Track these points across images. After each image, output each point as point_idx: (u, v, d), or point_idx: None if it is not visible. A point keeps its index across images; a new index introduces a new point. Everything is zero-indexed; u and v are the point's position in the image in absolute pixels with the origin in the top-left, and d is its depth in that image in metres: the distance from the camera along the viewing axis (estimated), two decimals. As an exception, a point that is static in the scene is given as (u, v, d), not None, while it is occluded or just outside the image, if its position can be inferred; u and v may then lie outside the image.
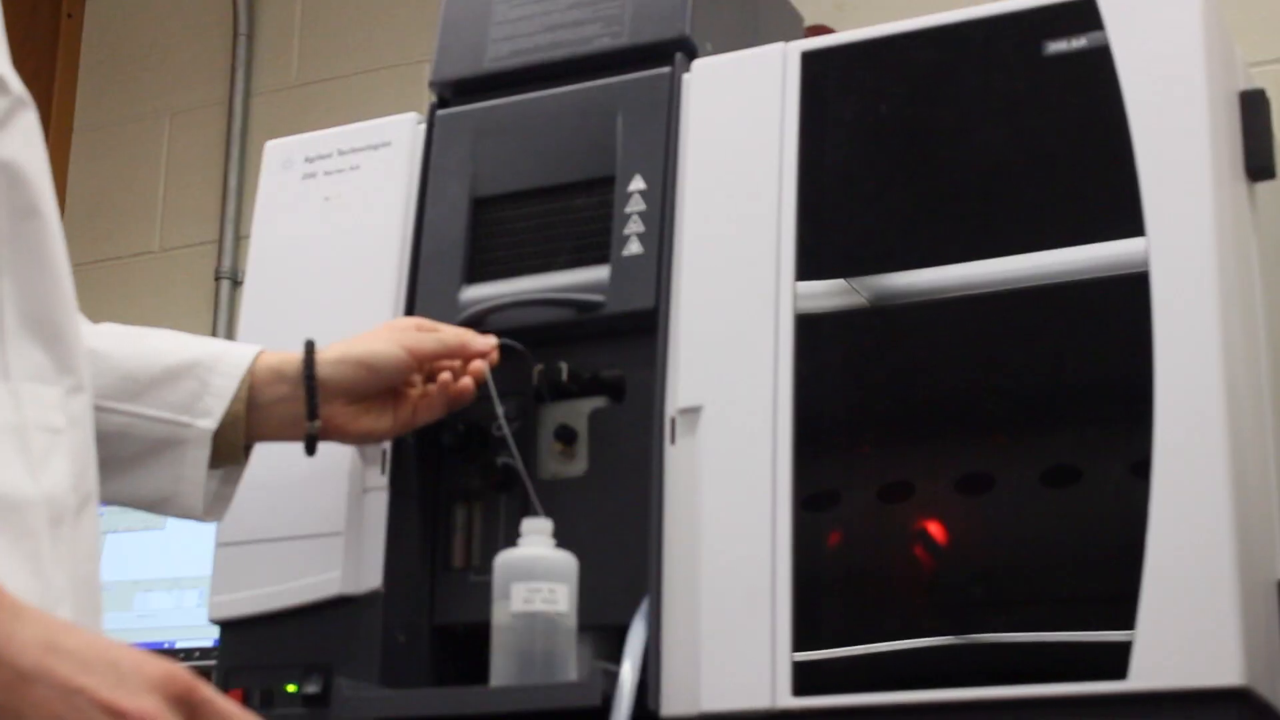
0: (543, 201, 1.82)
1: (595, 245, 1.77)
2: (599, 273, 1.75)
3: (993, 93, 1.65)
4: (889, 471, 1.58)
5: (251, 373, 1.67)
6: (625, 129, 1.78)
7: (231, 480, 1.71)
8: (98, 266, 3.68)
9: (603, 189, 1.78)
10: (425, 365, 1.72)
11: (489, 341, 1.72)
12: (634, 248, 1.73)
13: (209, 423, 1.65)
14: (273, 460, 1.78)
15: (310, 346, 1.68)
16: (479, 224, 1.83)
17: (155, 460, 1.65)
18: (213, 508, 1.70)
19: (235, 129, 3.62)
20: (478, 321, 1.77)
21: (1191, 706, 1.40)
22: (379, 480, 1.77)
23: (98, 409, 1.37)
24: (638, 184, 1.75)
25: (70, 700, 1.06)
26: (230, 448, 1.67)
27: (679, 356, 1.68)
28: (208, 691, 1.10)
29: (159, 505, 1.67)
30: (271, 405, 1.68)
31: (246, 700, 1.77)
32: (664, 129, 1.76)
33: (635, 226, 1.74)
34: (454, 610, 1.77)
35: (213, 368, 1.66)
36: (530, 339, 1.76)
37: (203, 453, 1.65)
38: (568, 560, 1.63)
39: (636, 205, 1.74)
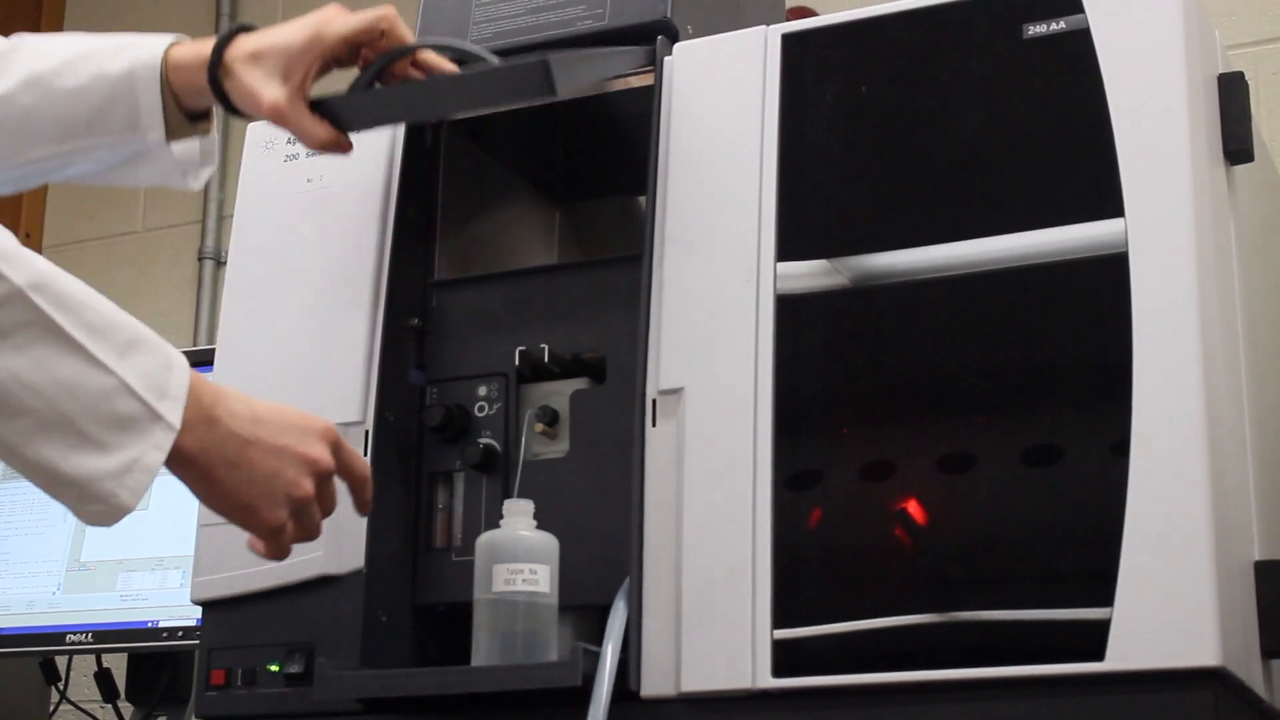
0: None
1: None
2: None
3: (973, 75, 1.65)
4: (870, 451, 1.59)
5: (169, 80, 1.70)
6: (607, 111, 1.79)
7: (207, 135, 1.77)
8: (81, 246, 3.68)
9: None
10: (340, 49, 1.73)
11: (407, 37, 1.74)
12: (616, 229, 1.74)
13: (157, 134, 1.70)
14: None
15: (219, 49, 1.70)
16: (461, 205, 1.84)
17: (129, 168, 1.74)
18: (202, 170, 1.78)
19: (217, 110, 3.61)
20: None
21: (1167, 687, 1.41)
22: (361, 461, 1.77)
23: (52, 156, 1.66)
24: (620, 165, 1.76)
25: (278, 455, 1.43)
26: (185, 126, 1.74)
27: (660, 338, 1.68)
28: (341, 439, 1.49)
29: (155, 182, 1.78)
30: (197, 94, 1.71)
31: (229, 680, 1.77)
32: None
33: (618, 208, 1.75)
34: (436, 590, 1.77)
35: (134, 88, 1.69)
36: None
37: (165, 153, 1.72)
38: (549, 541, 1.64)
39: (620, 187, 1.75)
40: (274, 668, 1.76)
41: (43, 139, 1.67)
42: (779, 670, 1.54)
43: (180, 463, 1.39)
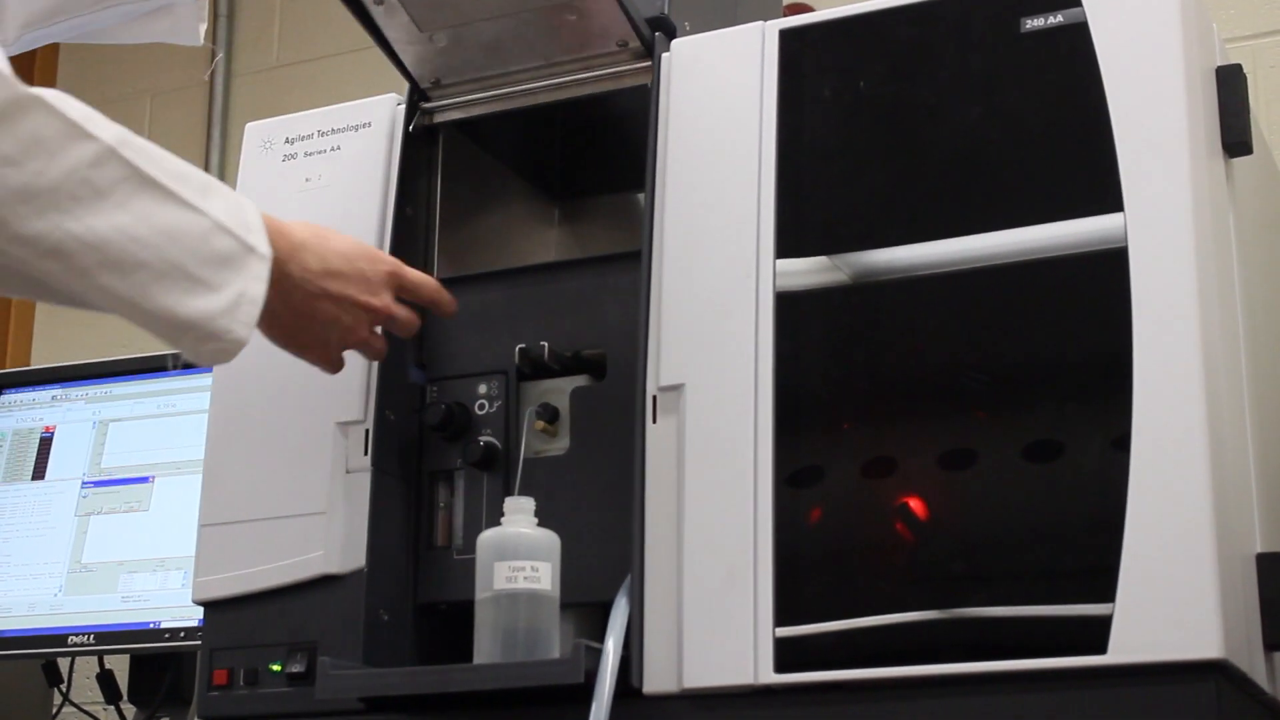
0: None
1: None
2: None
3: (971, 70, 1.65)
4: (871, 447, 1.59)
5: None
6: (605, 108, 1.79)
7: None
8: (80, 247, 3.67)
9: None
10: None
11: None
12: (614, 227, 1.74)
13: None
14: (257, 441, 1.79)
15: None
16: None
17: (138, 24, 1.80)
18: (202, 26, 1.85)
19: (216, 109, 3.62)
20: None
21: (1170, 679, 1.41)
22: (362, 460, 1.77)
23: (82, 18, 1.71)
24: (619, 163, 1.76)
25: (342, 305, 1.60)
26: None
27: (660, 335, 1.68)
28: (408, 272, 1.68)
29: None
30: None
31: (231, 680, 1.77)
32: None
33: (616, 205, 1.75)
34: (437, 589, 1.77)
35: None
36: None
37: (188, 9, 1.79)
38: (550, 538, 1.64)
39: (619, 183, 1.75)
40: (276, 667, 1.76)
41: (80, 2, 1.70)
42: (781, 666, 1.54)
43: None
